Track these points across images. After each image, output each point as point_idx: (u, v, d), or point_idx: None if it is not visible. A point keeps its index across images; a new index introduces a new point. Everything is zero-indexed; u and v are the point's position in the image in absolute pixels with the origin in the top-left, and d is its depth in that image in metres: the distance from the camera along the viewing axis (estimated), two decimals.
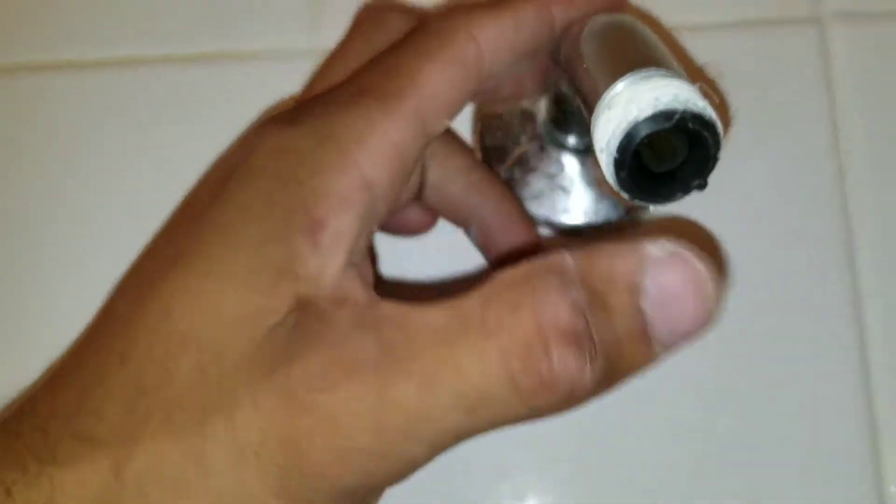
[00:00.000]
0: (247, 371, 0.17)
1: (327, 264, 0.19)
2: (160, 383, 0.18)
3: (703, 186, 0.18)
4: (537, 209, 0.28)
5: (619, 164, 0.18)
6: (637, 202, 0.18)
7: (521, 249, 0.26)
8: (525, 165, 0.28)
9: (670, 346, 0.17)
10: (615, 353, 0.16)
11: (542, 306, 0.16)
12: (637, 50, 0.19)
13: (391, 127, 0.20)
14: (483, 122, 0.29)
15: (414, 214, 0.27)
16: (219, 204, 0.20)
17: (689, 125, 0.17)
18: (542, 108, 0.28)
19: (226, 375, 0.18)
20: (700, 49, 0.29)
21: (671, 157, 0.18)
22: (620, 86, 0.18)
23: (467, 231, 0.27)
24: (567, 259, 0.17)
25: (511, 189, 0.28)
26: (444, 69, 0.21)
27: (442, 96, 0.21)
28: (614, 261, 0.17)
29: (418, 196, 0.26)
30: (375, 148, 0.20)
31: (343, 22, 0.26)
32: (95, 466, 0.17)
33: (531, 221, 0.27)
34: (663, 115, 0.17)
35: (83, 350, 0.20)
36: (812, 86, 0.28)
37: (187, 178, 0.24)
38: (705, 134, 0.17)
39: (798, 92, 0.28)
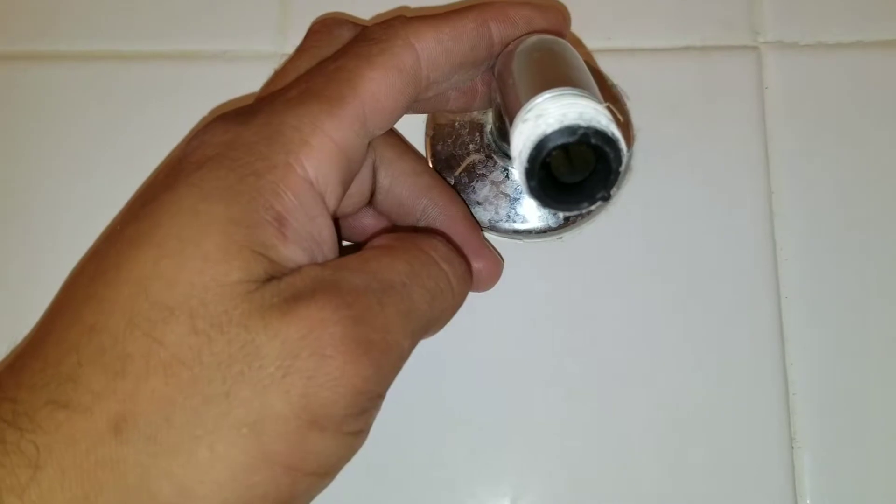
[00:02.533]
0: (253, 321, 0.19)
1: (295, 254, 0.21)
2: (149, 350, 0.18)
3: (606, 199, 0.20)
4: (482, 214, 0.29)
5: (529, 173, 0.19)
6: (548, 209, 0.20)
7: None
8: (473, 173, 0.29)
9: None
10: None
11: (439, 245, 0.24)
12: (556, 70, 0.21)
13: (333, 128, 0.21)
14: (435, 131, 0.30)
15: (367, 219, 0.28)
16: (178, 188, 0.20)
17: (592, 140, 0.19)
18: (489, 119, 0.29)
19: (229, 332, 0.19)
20: (648, 71, 0.30)
21: (581, 170, 0.20)
22: (535, 102, 0.19)
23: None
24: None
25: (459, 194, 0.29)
26: (384, 74, 0.22)
27: (381, 100, 0.22)
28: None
29: (370, 201, 0.27)
30: (319, 147, 0.21)
31: None
32: (88, 427, 0.18)
33: (477, 223, 0.29)
34: (568, 130, 0.19)
35: (44, 329, 0.20)
36: (747, 106, 0.30)
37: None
38: (606, 149, 0.19)
39: (735, 111, 0.30)
